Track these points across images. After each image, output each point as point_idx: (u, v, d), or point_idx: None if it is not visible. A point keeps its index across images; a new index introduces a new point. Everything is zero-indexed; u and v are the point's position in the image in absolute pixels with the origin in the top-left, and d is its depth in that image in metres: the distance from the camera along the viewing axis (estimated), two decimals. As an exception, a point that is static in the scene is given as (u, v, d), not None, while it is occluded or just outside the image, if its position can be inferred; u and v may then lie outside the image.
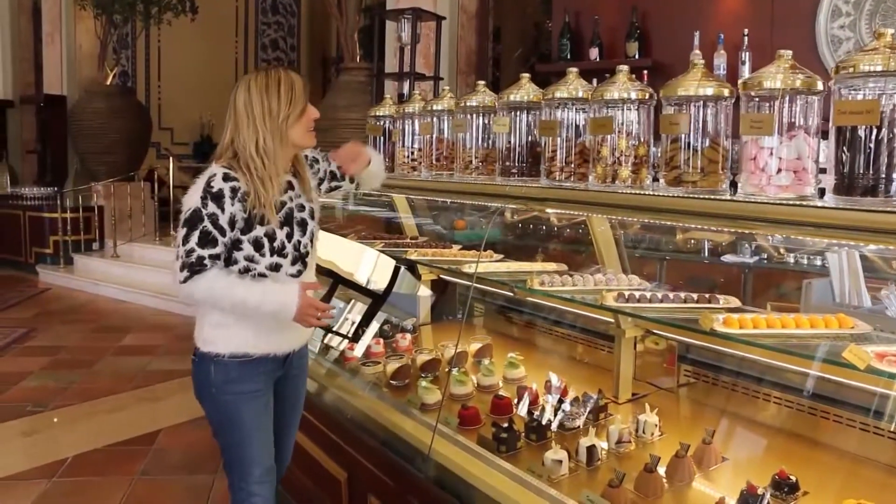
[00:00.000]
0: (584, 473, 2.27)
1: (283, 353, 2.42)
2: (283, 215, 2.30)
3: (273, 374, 2.43)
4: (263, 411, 2.39)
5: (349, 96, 7.54)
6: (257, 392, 2.37)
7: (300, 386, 2.61)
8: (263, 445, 2.40)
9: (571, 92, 2.51)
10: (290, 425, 2.62)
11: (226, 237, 2.22)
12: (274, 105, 2.25)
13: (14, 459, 4.20)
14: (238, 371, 2.33)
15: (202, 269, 2.19)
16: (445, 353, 3.20)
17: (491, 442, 2.39)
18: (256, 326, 2.31)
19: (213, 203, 2.19)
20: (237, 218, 2.22)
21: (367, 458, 2.69)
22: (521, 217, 3.28)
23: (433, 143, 3.17)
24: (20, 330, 7.14)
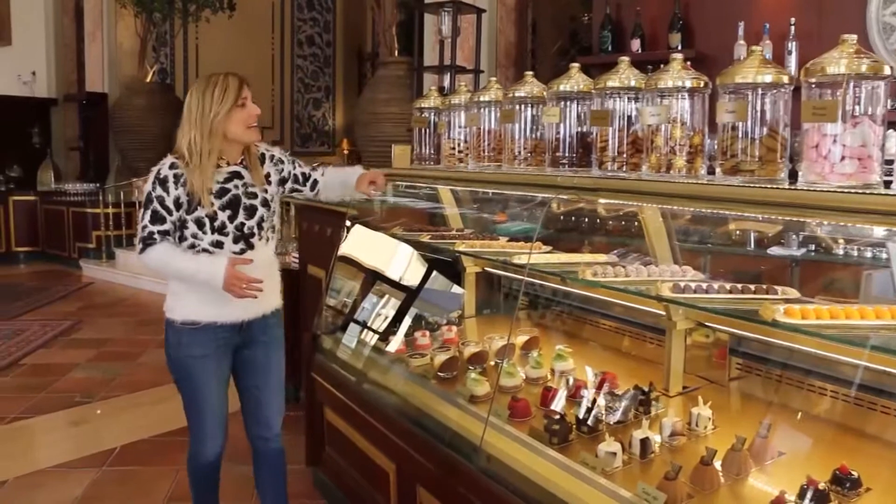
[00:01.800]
0: (637, 466, 2.25)
1: (233, 322, 2.73)
2: (226, 200, 2.66)
3: (227, 341, 2.75)
4: (213, 373, 2.75)
5: (388, 90, 7.55)
6: (205, 356, 2.72)
7: (271, 352, 2.89)
8: (214, 400, 2.78)
9: (623, 81, 2.49)
10: (268, 388, 2.91)
11: (173, 216, 2.62)
12: (207, 105, 2.60)
13: (65, 448, 4.27)
14: (188, 336, 2.71)
15: (153, 242, 2.60)
16: (492, 346, 3.18)
17: (543, 433, 2.38)
18: (202, 297, 2.66)
19: (160, 187, 2.61)
20: (182, 200, 2.61)
21: (416, 450, 2.68)
22: (567, 209, 3.25)
23: (480, 134, 3.16)
24: (66, 322, 7.26)
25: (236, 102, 2.62)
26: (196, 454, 2.91)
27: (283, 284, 4.81)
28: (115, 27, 11.57)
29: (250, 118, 2.67)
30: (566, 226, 3.39)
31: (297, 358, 4.77)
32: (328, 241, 4.20)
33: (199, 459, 2.91)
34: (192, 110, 2.62)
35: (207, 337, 2.71)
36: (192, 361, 2.73)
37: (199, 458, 2.91)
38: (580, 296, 3.34)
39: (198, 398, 2.78)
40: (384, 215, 3.80)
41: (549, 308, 3.69)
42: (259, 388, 2.89)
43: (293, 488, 3.71)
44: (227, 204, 2.66)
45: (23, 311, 7.86)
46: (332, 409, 3.40)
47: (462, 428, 2.56)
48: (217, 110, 2.59)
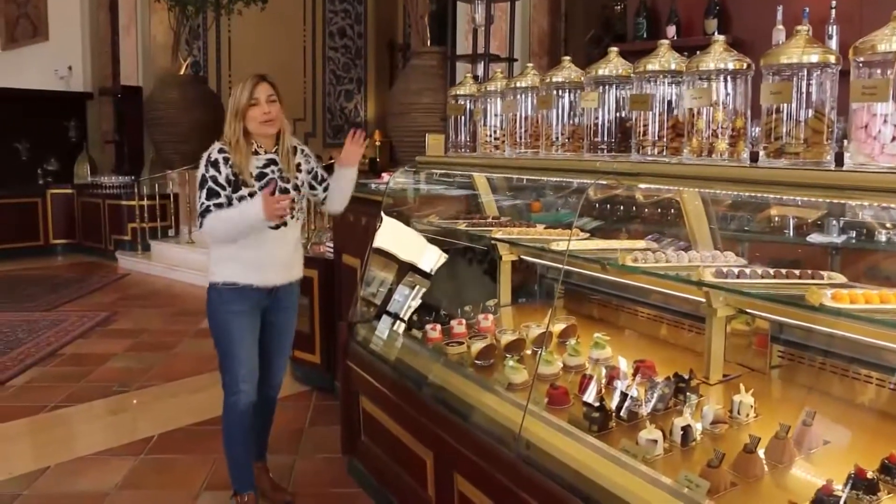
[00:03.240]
0: (678, 454, 2.23)
1: (266, 286, 3.16)
2: (265, 182, 3.08)
3: (259, 303, 3.18)
4: (247, 328, 3.15)
5: (420, 80, 7.53)
6: (242, 312, 3.13)
7: (290, 317, 3.36)
8: (247, 352, 3.15)
9: (664, 64, 2.45)
10: (281, 348, 3.37)
11: (226, 191, 3.04)
12: (234, 100, 3.11)
13: (104, 436, 4.33)
14: (229, 295, 3.12)
15: (209, 212, 3.03)
16: (529, 334, 3.17)
17: (582, 421, 2.36)
18: (243, 263, 3.10)
19: (213, 168, 3.06)
20: (231, 178, 3.04)
21: (453, 438, 2.67)
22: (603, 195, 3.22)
23: (517, 120, 3.13)
24: (103, 313, 7.34)
25: (249, 101, 3.08)
26: (232, 404, 3.21)
27: (319, 275, 4.86)
28: (149, 21, 11.66)
29: (261, 115, 3.08)
30: (603, 213, 3.36)
31: (334, 348, 4.79)
32: (363, 231, 4.20)
33: (234, 408, 3.21)
34: (230, 103, 3.15)
35: (244, 297, 3.13)
36: (230, 317, 3.13)
37: (234, 407, 3.20)
38: (617, 283, 3.31)
39: (233, 350, 3.15)
40: (419, 204, 3.79)
41: (586, 296, 3.66)
42: (273, 348, 3.31)
43: (329, 476, 3.73)
44: (265, 185, 3.06)
45: (61, 301, 7.97)
46: (367, 398, 3.40)
47: (500, 415, 2.55)
48: (237, 105, 3.08)
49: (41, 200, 11.29)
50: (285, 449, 4.05)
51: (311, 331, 4.90)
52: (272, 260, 3.14)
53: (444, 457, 2.75)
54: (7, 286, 8.91)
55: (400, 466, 3.12)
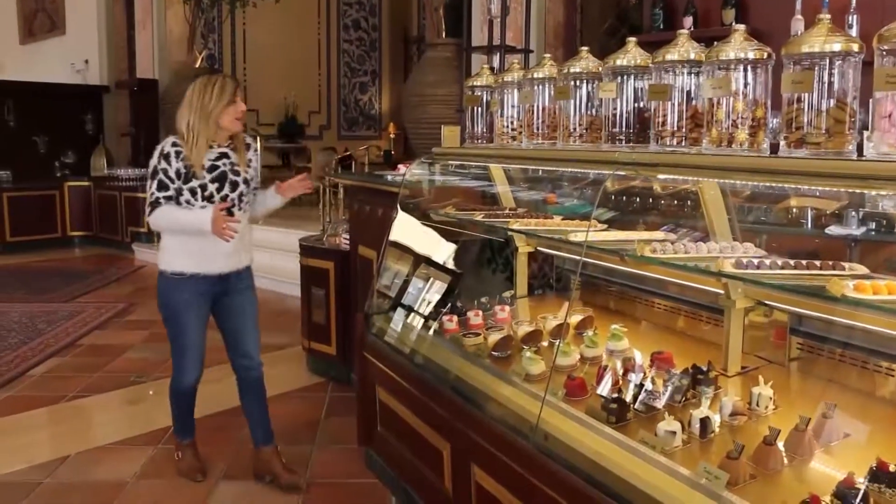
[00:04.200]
0: (697, 445, 2.21)
1: (214, 273, 3.39)
2: (216, 174, 3.32)
3: (208, 290, 3.42)
4: (195, 314, 3.42)
5: (436, 72, 7.53)
6: (191, 300, 3.38)
7: (245, 299, 3.56)
8: (194, 338, 3.46)
9: (682, 54, 2.43)
10: (245, 327, 3.58)
11: (175, 184, 3.27)
12: (207, 98, 3.27)
13: (122, 426, 4.37)
14: (177, 283, 3.37)
15: (159, 205, 3.27)
16: (546, 325, 3.16)
17: (600, 412, 2.35)
18: (189, 253, 3.33)
19: (164, 161, 3.29)
20: (181, 172, 3.27)
21: (471, 429, 2.67)
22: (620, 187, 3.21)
23: (534, 111, 3.12)
24: (120, 305, 7.40)
25: (231, 99, 3.30)
26: (177, 382, 3.62)
27: (335, 266, 4.88)
28: (165, 14, 11.71)
29: (238, 112, 3.34)
30: (619, 204, 3.34)
31: (350, 340, 4.80)
32: (379, 222, 4.21)
33: (180, 386, 3.63)
34: (192, 101, 3.29)
35: (191, 285, 3.37)
36: (179, 305, 3.40)
37: (180, 385, 3.62)
38: (634, 275, 3.29)
39: (181, 335, 3.47)
40: (435, 195, 3.78)
41: (603, 287, 3.65)
42: (237, 328, 3.56)
43: (346, 467, 3.75)
44: (216, 178, 3.33)
45: (79, 293, 8.04)
46: (384, 389, 3.41)
47: (518, 406, 2.54)
48: (216, 103, 3.27)
49: (59, 193, 11.39)
50: (301, 439, 4.07)
51: (327, 322, 4.92)
52: (218, 250, 3.34)
53: (461, 448, 2.75)
54: (27, 277, 8.99)
55: (417, 457, 3.12)
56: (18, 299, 7.73)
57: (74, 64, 12.61)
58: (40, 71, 12.96)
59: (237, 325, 3.57)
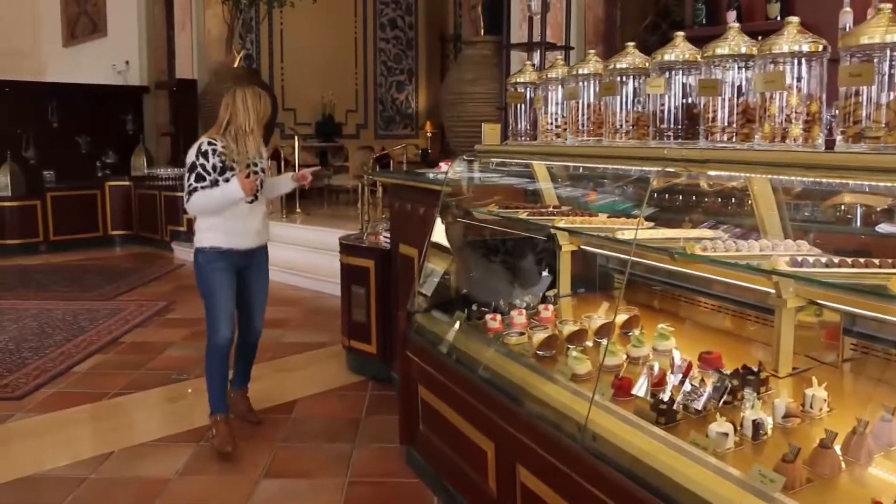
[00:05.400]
0: (749, 447, 2.17)
1: (243, 249, 3.96)
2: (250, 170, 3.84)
3: (237, 263, 3.96)
4: (226, 282, 3.92)
5: (474, 70, 7.50)
6: (223, 269, 3.91)
7: (262, 273, 4.16)
8: (225, 301, 3.93)
9: (733, 48, 2.39)
10: (256, 305, 4.17)
11: (211, 176, 3.79)
12: (259, 107, 3.88)
13: (164, 423, 4.39)
14: (213, 256, 3.90)
15: (196, 192, 3.79)
16: (591, 324, 3.12)
17: (649, 413, 2.31)
18: (225, 231, 3.89)
19: (202, 157, 3.80)
20: (217, 166, 3.79)
21: (516, 428, 2.65)
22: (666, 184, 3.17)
23: (579, 108, 3.08)
24: (160, 303, 7.46)
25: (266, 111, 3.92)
26: (213, 343, 4.00)
27: (375, 265, 4.87)
28: (204, 15, 11.80)
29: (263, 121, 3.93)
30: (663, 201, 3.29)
31: (390, 338, 4.79)
32: (420, 220, 4.19)
33: (215, 346, 3.99)
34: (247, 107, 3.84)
35: (225, 258, 3.91)
36: (213, 274, 3.91)
37: (215, 345, 3.99)
38: (679, 273, 3.23)
39: (214, 300, 3.94)
40: (478, 193, 3.75)
41: (647, 286, 3.60)
42: (251, 303, 4.13)
43: (387, 466, 3.74)
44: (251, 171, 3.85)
45: (120, 291, 8.12)
46: (426, 388, 3.40)
47: (565, 406, 2.51)
48: (263, 113, 3.91)
49: (100, 192, 11.53)
50: (342, 438, 4.07)
51: (367, 321, 4.92)
52: (247, 228, 3.97)
53: (506, 448, 2.73)
54: (69, 275, 9.11)
55: (460, 457, 3.11)
56: (61, 297, 7.83)
57: (115, 65, 12.76)
58: (82, 73, 13.15)
59: (251, 300, 4.14)
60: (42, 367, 5.34)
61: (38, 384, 4.98)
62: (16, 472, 3.77)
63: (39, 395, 4.82)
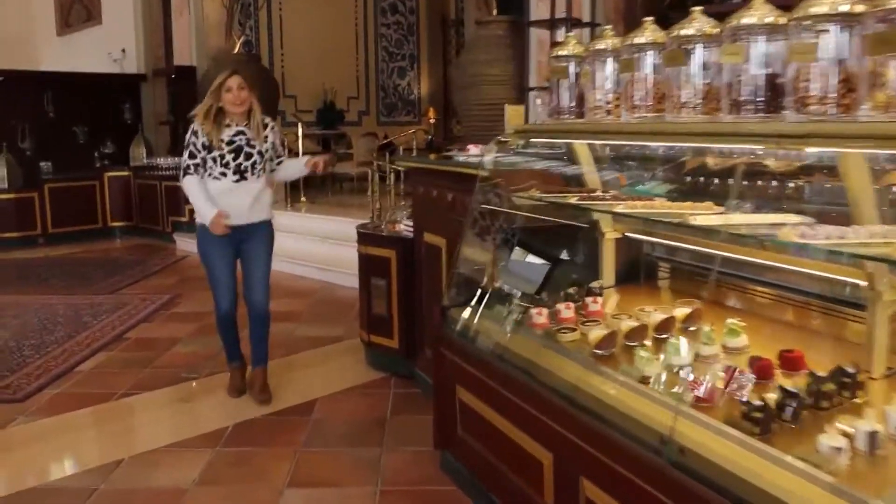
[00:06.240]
0: (864, 462, 1.90)
1: (234, 225, 4.13)
2: (233, 147, 4.12)
3: (232, 237, 4.16)
4: (222, 254, 4.22)
5: (488, 51, 7.17)
6: (218, 243, 4.16)
7: (258, 245, 4.31)
8: (223, 272, 4.26)
9: (833, 6, 2.09)
10: (254, 275, 4.33)
11: (201, 153, 4.12)
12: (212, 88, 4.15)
13: (177, 426, 4.11)
14: (207, 232, 4.14)
15: (188, 171, 4.14)
16: (650, 320, 2.84)
17: (741, 422, 2.03)
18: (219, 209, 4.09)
19: (193, 136, 4.14)
20: (205, 144, 4.10)
21: (579, 437, 2.38)
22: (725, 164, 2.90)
23: (634, 82, 2.79)
24: (165, 296, 7.18)
25: (223, 88, 4.09)
26: (217, 312, 4.39)
27: (397, 254, 4.59)
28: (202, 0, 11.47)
29: (231, 98, 4.08)
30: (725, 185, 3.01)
31: (414, 333, 4.51)
32: (448, 206, 3.91)
33: (219, 315, 4.39)
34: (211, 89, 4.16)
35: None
36: (208, 248, 4.23)
37: (218, 314, 4.39)
38: (743, 263, 2.94)
39: (212, 271, 4.29)
40: (516, 176, 3.45)
41: (702, 276, 3.32)
42: (249, 272, 4.34)
43: (420, 472, 3.47)
44: (233, 150, 4.12)
45: (122, 284, 7.84)
46: (465, 389, 3.12)
47: (639, 413, 2.24)
48: (212, 91, 4.14)
49: (99, 183, 11.24)
50: (369, 441, 3.80)
51: (389, 314, 4.64)
52: (238, 205, 4.14)
53: (567, 459, 2.46)
54: (69, 269, 8.84)
55: (508, 466, 2.83)
56: (62, 291, 7.54)
57: (111, 53, 12.43)
58: (78, 62, 12.81)
59: (250, 269, 4.33)
60: (44, 366, 5.06)
61: (41, 385, 4.70)
62: (19, 483, 3.51)
63: (42, 397, 4.54)
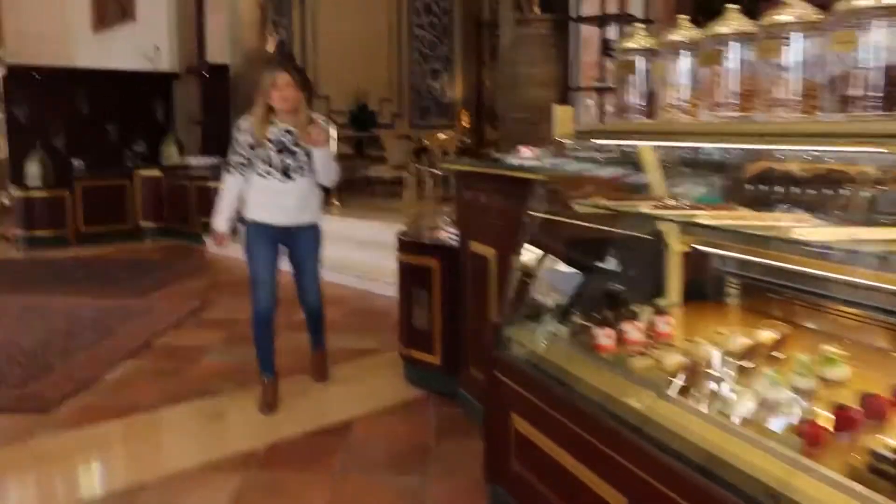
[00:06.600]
0: None
1: (279, 225, 4.21)
2: (279, 146, 4.12)
3: (275, 236, 4.23)
4: (265, 254, 4.22)
5: (531, 51, 6.89)
6: (261, 242, 4.20)
7: (305, 245, 4.36)
8: (263, 271, 4.21)
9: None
10: (306, 270, 4.42)
11: (245, 152, 4.16)
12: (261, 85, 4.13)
13: (204, 446, 3.88)
14: (253, 229, 4.23)
15: (230, 169, 4.22)
16: (731, 345, 2.53)
17: (868, 476, 1.72)
18: (263, 207, 4.19)
19: (238, 133, 4.18)
20: (250, 142, 4.14)
21: (660, 481, 2.07)
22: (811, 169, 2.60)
23: (717, 77, 2.49)
24: (194, 301, 6.97)
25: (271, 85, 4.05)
26: (254, 313, 4.27)
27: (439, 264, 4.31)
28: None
29: (278, 96, 4.05)
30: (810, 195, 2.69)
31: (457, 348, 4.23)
32: (499, 214, 3.63)
33: (257, 317, 4.27)
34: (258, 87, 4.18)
35: (263, 230, 4.20)
36: (252, 245, 4.24)
37: (256, 315, 4.26)
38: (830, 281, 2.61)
39: (253, 270, 4.24)
40: (575, 183, 3.16)
41: (779, 295, 3.00)
42: (299, 270, 4.42)
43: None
44: (279, 148, 4.14)
45: (151, 287, 7.64)
46: (522, 417, 2.82)
47: (729, 455, 1.93)
48: (263, 87, 4.09)
49: (130, 182, 11.10)
50: (411, 468, 3.51)
51: (430, 328, 4.35)
52: (282, 205, 4.17)
53: None
54: (98, 270, 8.69)
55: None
56: (91, 293, 7.35)
57: (146, 51, 12.30)
58: (112, 60, 12.70)
59: (299, 273, 4.42)
60: (69, 374, 4.84)
61: (65, 394, 4.48)
62: (38, 506, 3.27)
63: (66, 408, 4.32)
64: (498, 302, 3.69)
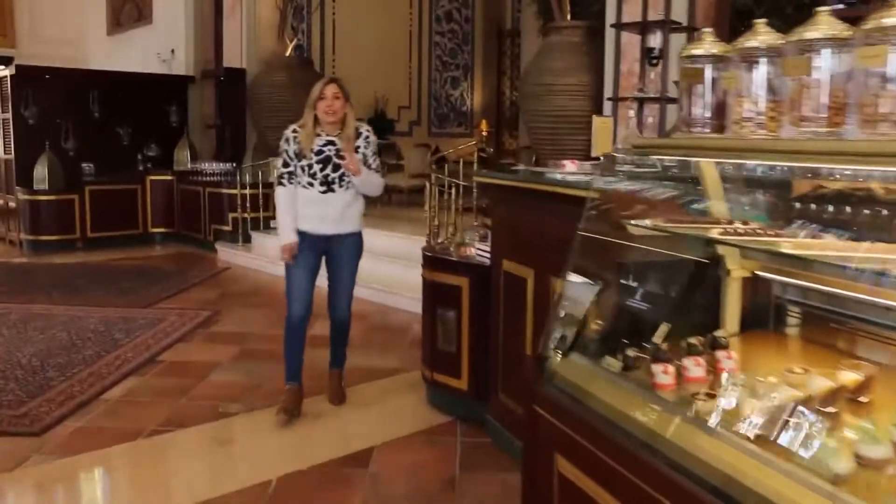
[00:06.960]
0: None
1: (321, 234, 4.24)
2: (322, 157, 4.18)
3: (318, 246, 4.27)
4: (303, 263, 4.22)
5: (562, 59, 6.64)
6: (305, 249, 4.22)
7: (344, 259, 4.34)
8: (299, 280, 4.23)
9: None
10: (338, 285, 4.40)
11: (293, 161, 4.21)
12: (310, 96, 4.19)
13: (214, 476, 3.62)
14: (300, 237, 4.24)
15: (282, 180, 4.26)
16: (811, 387, 2.24)
17: None
18: (304, 217, 4.23)
19: (286, 144, 4.25)
20: (296, 152, 4.20)
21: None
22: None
23: (802, 89, 2.21)
24: (204, 313, 6.71)
25: (319, 96, 4.12)
26: (288, 319, 4.27)
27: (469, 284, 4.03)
28: (255, 1, 11.08)
29: (324, 107, 4.11)
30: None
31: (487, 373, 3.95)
32: (537, 232, 3.36)
33: (289, 323, 4.27)
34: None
35: (306, 240, 4.23)
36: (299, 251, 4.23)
37: (289, 322, 4.27)
38: None
39: (293, 278, 4.24)
40: (630, 201, 2.88)
41: (845, 326, 2.70)
42: (334, 282, 4.39)
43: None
44: (321, 160, 4.18)
45: (160, 297, 7.40)
46: (567, 460, 2.53)
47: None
48: (311, 99, 4.15)
49: (141, 187, 10.88)
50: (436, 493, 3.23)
51: (457, 351, 4.09)
52: (324, 215, 4.21)
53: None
54: (105, 277, 8.45)
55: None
56: (96, 302, 7.11)
57: (160, 54, 12.10)
58: (127, 62, 12.54)
59: (334, 280, 4.39)
60: (68, 392, 4.58)
61: (63, 415, 4.23)
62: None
63: (62, 430, 4.06)
64: (534, 327, 3.41)
